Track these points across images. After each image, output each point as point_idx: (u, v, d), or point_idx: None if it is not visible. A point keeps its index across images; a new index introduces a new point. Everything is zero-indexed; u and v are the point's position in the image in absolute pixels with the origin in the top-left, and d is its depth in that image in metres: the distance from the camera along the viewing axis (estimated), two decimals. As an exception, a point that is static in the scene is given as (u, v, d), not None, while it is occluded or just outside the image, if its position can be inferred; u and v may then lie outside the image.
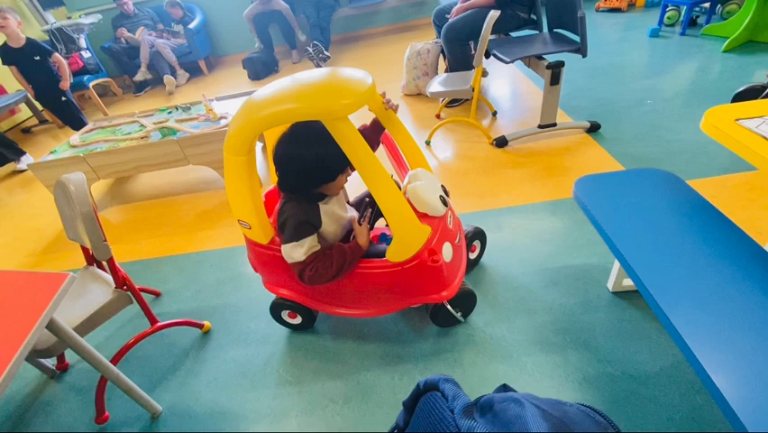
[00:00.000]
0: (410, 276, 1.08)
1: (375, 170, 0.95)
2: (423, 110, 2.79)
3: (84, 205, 1.08)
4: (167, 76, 4.28)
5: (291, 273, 1.14)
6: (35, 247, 2.16)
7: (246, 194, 1.06)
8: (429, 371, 1.18)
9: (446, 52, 2.58)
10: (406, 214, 1.01)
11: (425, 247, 1.05)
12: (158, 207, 2.30)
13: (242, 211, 1.10)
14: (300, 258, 1.01)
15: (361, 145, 0.92)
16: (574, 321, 1.24)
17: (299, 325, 1.34)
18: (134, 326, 1.52)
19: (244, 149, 0.99)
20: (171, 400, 1.24)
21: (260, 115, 0.92)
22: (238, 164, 1.01)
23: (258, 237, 1.14)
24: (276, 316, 1.34)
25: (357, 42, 4.74)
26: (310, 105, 0.88)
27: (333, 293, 1.21)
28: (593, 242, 1.48)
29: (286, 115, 0.90)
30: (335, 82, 0.93)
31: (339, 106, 0.86)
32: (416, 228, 1.03)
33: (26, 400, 1.34)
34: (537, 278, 1.39)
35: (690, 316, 0.78)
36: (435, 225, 1.08)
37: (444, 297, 1.13)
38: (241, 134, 0.97)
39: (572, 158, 1.98)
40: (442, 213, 1.10)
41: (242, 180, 1.04)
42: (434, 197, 1.08)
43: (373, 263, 1.10)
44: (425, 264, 1.06)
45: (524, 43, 2.26)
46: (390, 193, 0.98)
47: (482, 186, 1.91)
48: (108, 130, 2.43)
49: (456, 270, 1.18)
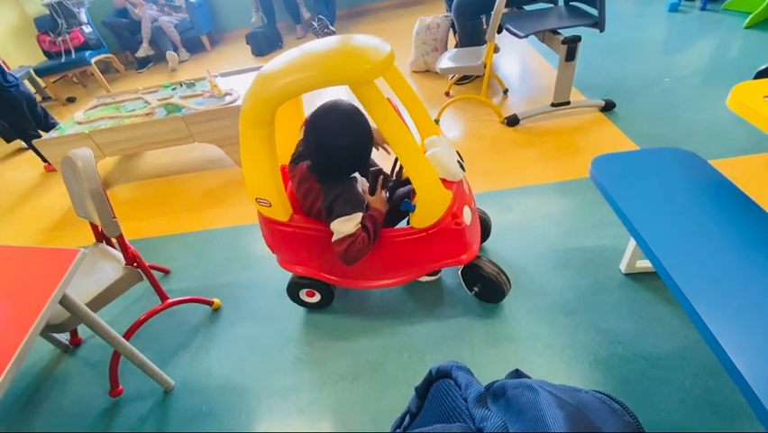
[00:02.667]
0: (434, 240, 1.10)
1: (403, 137, 0.95)
2: (432, 87, 2.73)
3: (92, 181, 1.07)
4: (169, 52, 4.19)
5: (311, 249, 1.16)
6: (44, 224, 2.17)
7: (267, 170, 1.02)
8: (438, 351, 1.18)
9: (457, 27, 2.49)
10: (433, 179, 1.02)
11: (449, 211, 1.06)
12: (164, 184, 2.29)
13: (261, 188, 1.07)
14: (350, 230, 1.01)
15: (388, 111, 0.91)
16: (585, 302, 1.23)
17: (317, 303, 1.34)
18: (145, 303, 1.53)
19: (266, 121, 0.94)
20: (183, 375, 1.26)
21: (277, 85, 0.89)
22: (259, 137, 0.97)
23: (278, 215, 1.12)
24: (293, 295, 1.33)
25: (363, 17, 4.60)
26: (333, 71, 0.86)
27: (355, 266, 1.18)
28: (606, 223, 1.45)
29: (306, 83, 0.88)
30: (356, 48, 0.90)
31: (363, 71, 0.85)
32: (441, 193, 1.05)
33: (41, 373, 1.36)
34: (548, 259, 1.38)
35: (710, 297, 0.76)
36: (456, 190, 1.09)
37: (465, 260, 1.15)
38: (260, 107, 0.93)
39: (585, 137, 1.94)
40: (460, 177, 1.13)
41: (262, 155, 1.00)
42: (453, 161, 1.10)
43: (398, 232, 1.12)
44: (448, 228, 1.07)
45: (538, 17, 2.17)
46: (418, 159, 0.98)
47: (493, 165, 1.88)
48: (112, 106, 2.40)
49: (475, 233, 1.21)
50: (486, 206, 1.64)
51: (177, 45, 4.34)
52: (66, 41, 3.86)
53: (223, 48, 4.65)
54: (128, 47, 4.43)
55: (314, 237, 1.13)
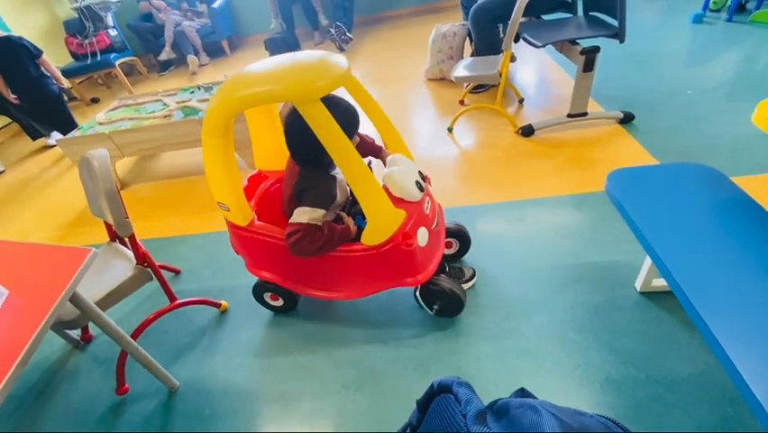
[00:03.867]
0: (385, 259, 1.09)
1: (349, 156, 0.95)
2: (446, 95, 2.72)
3: (107, 181, 1.09)
4: (190, 56, 4.29)
5: (271, 256, 1.18)
6: (63, 221, 2.23)
7: (223, 177, 1.06)
8: (444, 363, 1.16)
9: (473, 35, 2.49)
10: (380, 198, 1.01)
11: (400, 231, 1.05)
12: (179, 185, 2.33)
13: (220, 193, 1.11)
14: (301, 220, 1.03)
15: (333, 129, 0.91)
16: (598, 320, 1.19)
17: (281, 307, 1.37)
18: (153, 302, 1.54)
19: (219, 131, 0.98)
20: (188, 375, 1.26)
21: (233, 97, 0.92)
22: (214, 146, 1.01)
23: (236, 219, 1.15)
24: (258, 298, 1.36)
25: (380, 24, 4.64)
26: (283, 87, 0.87)
27: (312, 275, 1.23)
28: (621, 239, 1.41)
29: (260, 97, 0.91)
30: (307, 67, 0.92)
31: (308, 90, 0.86)
32: (390, 213, 1.04)
33: (52, 367, 1.39)
34: (560, 273, 1.34)
35: (729, 321, 0.73)
36: (411, 210, 1.08)
37: (420, 280, 1.14)
38: (216, 116, 0.97)
39: (602, 150, 1.90)
40: (417, 198, 1.11)
41: (218, 163, 1.04)
42: (410, 182, 1.09)
43: (349, 246, 1.11)
44: (399, 248, 1.06)
45: (556, 27, 2.15)
46: (363, 178, 0.98)
47: (506, 176, 1.85)
48: (132, 108, 2.46)
49: (432, 255, 1.19)
50: (497, 217, 1.62)
51: (198, 49, 4.44)
52: (92, 43, 3.99)
53: (242, 52, 4.73)
54: (151, 50, 4.55)
55: (271, 244, 1.15)
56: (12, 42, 2.72)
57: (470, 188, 1.84)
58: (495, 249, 1.48)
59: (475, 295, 1.32)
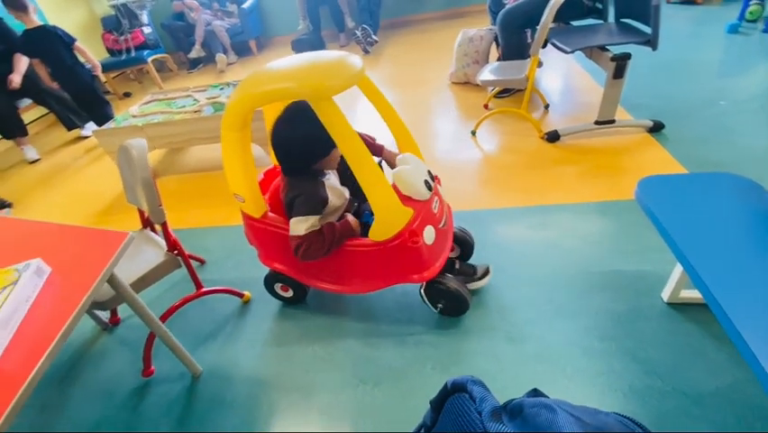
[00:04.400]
0: (391, 255, 1.11)
1: (358, 153, 0.97)
2: (470, 99, 2.72)
3: (144, 170, 1.14)
4: (219, 54, 4.40)
5: (283, 247, 1.21)
6: (94, 209, 2.32)
7: (240, 169, 1.11)
8: (463, 364, 1.16)
9: (501, 40, 2.48)
10: (388, 195, 1.03)
11: (407, 228, 1.07)
12: (205, 179, 2.39)
13: (236, 185, 1.15)
14: (300, 233, 1.07)
15: (344, 127, 0.94)
16: (622, 329, 1.17)
17: (291, 298, 1.41)
18: (179, 289, 1.59)
19: (238, 125, 1.03)
20: (211, 362, 1.29)
21: (251, 93, 0.97)
22: (232, 140, 1.06)
23: (251, 210, 1.19)
24: (269, 288, 1.40)
25: (406, 27, 4.67)
26: (299, 84, 0.91)
27: (321, 268, 1.26)
28: (648, 248, 1.38)
29: (277, 94, 0.95)
30: (323, 65, 0.96)
31: (323, 88, 0.89)
32: (398, 209, 1.06)
33: (81, 348, 1.44)
34: (584, 280, 1.33)
35: (766, 334, 0.71)
36: (419, 209, 1.10)
37: (425, 277, 1.15)
38: (234, 111, 1.01)
39: (630, 158, 1.86)
40: (426, 197, 1.13)
41: (235, 155, 1.09)
42: (419, 181, 1.11)
43: (357, 241, 1.13)
44: (405, 244, 1.08)
45: (586, 33, 2.12)
46: (372, 174, 1.00)
47: (529, 181, 1.84)
48: (164, 102, 2.54)
49: (438, 253, 1.19)
50: (521, 221, 1.62)
51: (226, 48, 4.55)
52: (127, 40, 4.15)
53: (269, 53, 4.83)
54: (182, 48, 4.69)
55: (282, 236, 1.18)
56: (47, 31, 2.87)
57: (493, 191, 1.83)
58: (518, 252, 1.47)
59: (497, 296, 1.32)
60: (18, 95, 3.00)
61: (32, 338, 0.77)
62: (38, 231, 1.09)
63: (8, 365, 0.72)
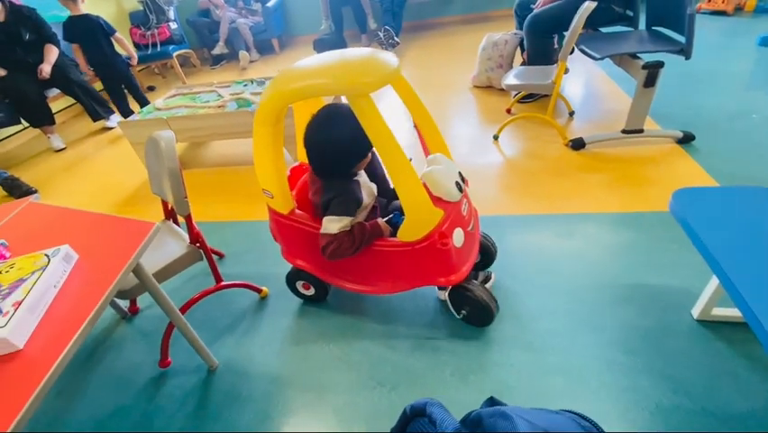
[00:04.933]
0: (419, 256, 1.10)
1: (393, 151, 0.96)
2: (492, 103, 2.69)
3: (171, 161, 1.14)
4: (242, 51, 4.45)
5: (309, 245, 1.21)
6: (117, 199, 2.36)
7: (271, 164, 1.11)
8: (483, 373, 1.13)
9: (527, 45, 2.45)
10: (420, 195, 1.01)
11: (436, 230, 1.05)
12: (226, 174, 2.41)
13: (266, 180, 1.15)
14: (332, 231, 1.07)
15: (380, 124, 0.93)
16: (649, 345, 1.13)
17: (312, 296, 1.40)
18: (197, 281, 1.60)
19: (271, 120, 1.03)
20: (227, 356, 1.29)
21: (287, 88, 0.97)
22: (265, 135, 1.06)
23: (279, 206, 1.19)
24: (291, 285, 1.39)
25: (429, 30, 4.65)
26: (335, 81, 0.90)
27: (346, 268, 1.25)
28: (677, 262, 1.34)
29: (313, 90, 0.95)
30: (361, 61, 0.95)
31: (361, 84, 0.88)
32: (429, 210, 1.04)
33: (100, 336, 1.46)
34: (609, 292, 1.29)
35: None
36: (449, 210, 1.08)
37: (452, 281, 1.13)
38: (268, 106, 1.01)
39: (658, 169, 1.81)
40: (456, 198, 1.11)
41: (267, 151, 1.09)
42: (450, 182, 1.09)
43: (385, 242, 1.12)
44: (434, 246, 1.06)
45: (616, 40, 2.08)
46: (406, 174, 0.99)
47: (553, 188, 1.81)
48: (189, 96, 2.57)
49: (466, 257, 1.17)
50: (544, 228, 1.58)
51: (249, 46, 4.61)
52: (154, 34, 4.22)
53: (290, 51, 4.87)
54: (206, 44, 4.76)
55: (309, 234, 1.17)
56: (90, 20, 3.02)
57: (515, 197, 1.80)
58: (540, 261, 1.44)
59: (518, 305, 1.29)
60: (47, 84, 3.07)
61: (58, 324, 0.77)
62: (66, 217, 1.10)
63: (34, 351, 0.72)
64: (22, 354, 0.72)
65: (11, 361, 0.71)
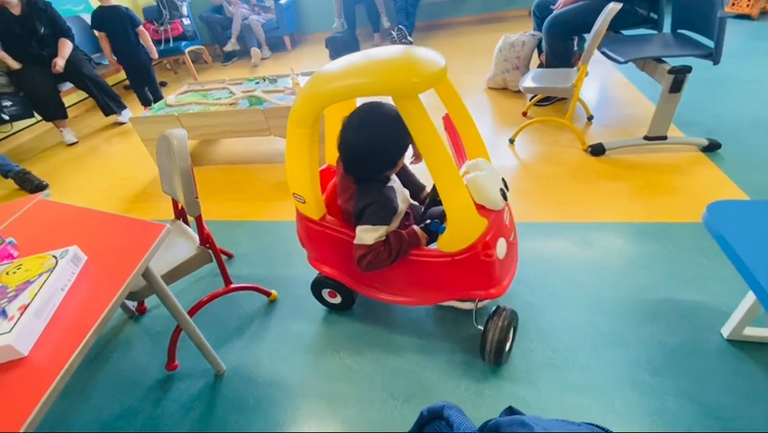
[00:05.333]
0: (460, 268, 1.03)
1: (440, 155, 0.90)
2: (508, 106, 2.63)
3: (183, 160, 1.11)
4: (254, 48, 4.44)
5: (339, 253, 1.16)
6: (126, 194, 2.34)
7: (305, 168, 1.05)
8: (500, 389, 1.08)
9: (546, 46, 2.39)
10: (466, 203, 0.95)
11: (480, 240, 0.99)
12: (236, 172, 2.39)
13: (298, 185, 1.10)
14: (368, 242, 1.01)
15: (429, 127, 0.87)
16: (676, 364, 1.08)
17: (338, 305, 1.34)
18: (206, 283, 1.58)
19: (309, 121, 0.97)
20: (235, 361, 1.26)
21: (327, 88, 0.91)
22: (301, 137, 1.00)
23: (311, 212, 1.14)
24: (316, 293, 1.34)
25: (442, 30, 4.60)
26: (380, 80, 0.84)
27: (378, 277, 1.18)
28: (705, 277, 1.28)
29: (354, 90, 0.88)
30: (407, 60, 0.88)
31: (410, 84, 0.82)
32: (474, 219, 0.97)
33: (108, 334, 1.44)
34: (632, 307, 1.24)
35: None
36: (492, 219, 1.02)
37: (492, 295, 1.06)
38: (306, 106, 0.96)
39: (683, 178, 1.75)
40: (500, 206, 1.05)
41: (303, 153, 1.03)
42: (495, 189, 1.03)
43: (423, 252, 1.06)
44: (477, 258, 1.00)
45: (640, 43, 2.02)
46: (453, 180, 0.93)
47: (572, 195, 1.75)
48: (200, 93, 2.55)
49: (507, 268, 1.11)
50: (562, 237, 1.53)
51: (261, 43, 4.59)
52: (167, 30, 4.22)
53: (302, 49, 4.84)
54: (218, 41, 4.75)
55: (340, 241, 1.12)
56: (119, 11, 3.10)
57: (532, 204, 1.75)
58: (559, 271, 1.39)
59: (537, 317, 1.24)
60: (61, 78, 3.08)
61: (64, 330, 0.74)
62: (75, 216, 1.07)
63: (39, 359, 0.70)
64: (26, 361, 0.69)
65: (15, 369, 0.68)
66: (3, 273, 0.82)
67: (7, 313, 0.72)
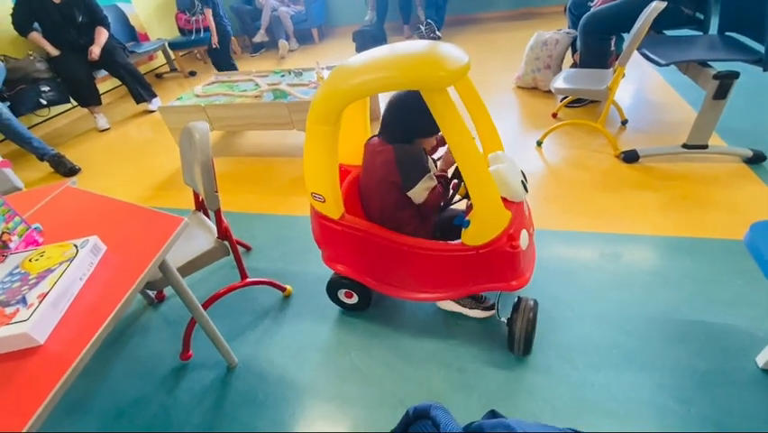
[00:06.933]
0: (484, 261, 1.04)
1: (468, 148, 0.90)
2: (537, 106, 2.54)
3: (204, 154, 1.12)
4: (281, 40, 4.45)
5: (359, 251, 1.17)
6: (153, 182, 2.40)
7: (326, 167, 1.04)
8: (514, 402, 1.05)
9: (581, 45, 2.28)
10: (493, 196, 0.96)
11: (505, 232, 1.01)
12: (258, 165, 2.40)
13: (318, 183, 1.09)
14: (433, 183, 1.09)
15: (457, 120, 0.87)
16: (705, 392, 1.01)
17: (354, 305, 1.33)
18: (223, 274, 1.59)
19: (331, 119, 0.96)
20: (247, 355, 1.27)
21: (351, 83, 0.89)
22: (322, 134, 0.99)
23: (331, 212, 1.13)
24: (332, 293, 1.33)
25: (472, 25, 4.49)
26: (407, 74, 0.84)
27: (398, 274, 1.18)
28: (741, 299, 1.20)
29: (379, 84, 0.88)
30: (434, 54, 0.87)
31: (436, 78, 0.83)
32: (500, 212, 0.99)
33: (126, 320, 1.48)
34: (660, 327, 1.17)
35: None
36: (515, 211, 1.03)
37: (514, 286, 1.07)
38: (328, 103, 0.94)
39: (723, 190, 1.64)
40: (522, 198, 1.08)
41: (324, 152, 1.02)
42: (516, 181, 1.05)
43: (446, 246, 1.07)
44: (502, 249, 1.01)
45: (683, 44, 1.90)
46: (481, 173, 0.93)
47: (601, 204, 1.67)
48: (227, 84, 2.58)
49: (530, 260, 1.13)
50: (589, 247, 1.47)
51: (289, 35, 4.60)
52: (198, 20, 4.27)
53: (329, 41, 4.83)
54: (247, 32, 4.78)
55: (361, 239, 1.12)
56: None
57: (558, 210, 1.68)
58: (583, 283, 1.33)
59: (556, 330, 1.19)
60: (96, 66, 3.17)
61: (80, 320, 0.76)
62: (99, 205, 1.09)
63: (55, 347, 0.71)
64: (42, 349, 0.70)
65: (31, 356, 0.69)
66: (26, 260, 0.84)
67: (27, 300, 0.73)
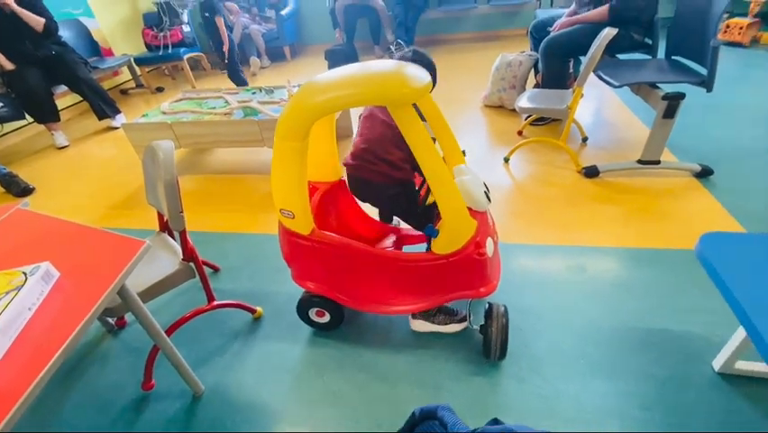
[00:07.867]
0: (454, 269, 1.09)
1: (434, 160, 0.94)
2: (503, 124, 2.64)
3: (168, 173, 1.08)
4: (253, 57, 4.44)
5: (330, 266, 1.18)
6: (114, 200, 2.30)
7: (294, 182, 1.04)
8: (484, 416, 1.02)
9: (543, 67, 2.40)
10: (459, 205, 1.01)
11: (472, 240, 1.05)
12: (226, 182, 2.35)
13: (287, 200, 1.09)
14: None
15: (422, 134, 0.91)
16: (666, 398, 1.05)
17: (326, 324, 1.31)
18: (190, 296, 1.53)
19: (300, 134, 0.96)
20: (215, 381, 1.22)
21: (319, 99, 0.91)
22: (290, 150, 0.99)
23: (300, 228, 1.12)
24: (303, 313, 1.31)
25: (441, 46, 4.64)
26: (374, 90, 0.88)
27: (371, 286, 1.19)
28: (697, 307, 1.26)
29: (348, 100, 0.91)
30: (400, 73, 0.91)
31: (401, 94, 0.86)
32: (467, 221, 1.04)
33: (84, 348, 1.39)
34: (623, 336, 1.21)
35: None
36: (480, 220, 1.09)
37: (482, 293, 1.11)
38: (296, 119, 0.95)
39: (676, 203, 1.74)
40: (486, 207, 1.13)
41: (292, 168, 1.02)
42: (480, 191, 1.11)
43: (417, 256, 1.11)
44: (470, 257, 1.06)
45: (635, 67, 2.03)
46: (446, 185, 0.97)
47: (565, 217, 1.74)
48: (195, 101, 2.54)
49: (496, 268, 1.18)
50: (555, 260, 1.52)
51: (261, 52, 4.60)
52: (166, 36, 4.22)
53: (301, 60, 4.86)
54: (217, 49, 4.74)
55: (332, 253, 1.13)
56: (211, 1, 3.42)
57: (525, 224, 1.73)
58: (551, 295, 1.37)
59: (527, 343, 1.21)
60: (55, 81, 3.04)
61: (31, 350, 0.71)
62: (52, 228, 1.04)
63: (3, 380, 0.66)
64: (-16, 386, 0.65)
65: (-29, 394, 0.64)
66: (-32, 290, 0.78)
67: (-32, 334, 0.68)
